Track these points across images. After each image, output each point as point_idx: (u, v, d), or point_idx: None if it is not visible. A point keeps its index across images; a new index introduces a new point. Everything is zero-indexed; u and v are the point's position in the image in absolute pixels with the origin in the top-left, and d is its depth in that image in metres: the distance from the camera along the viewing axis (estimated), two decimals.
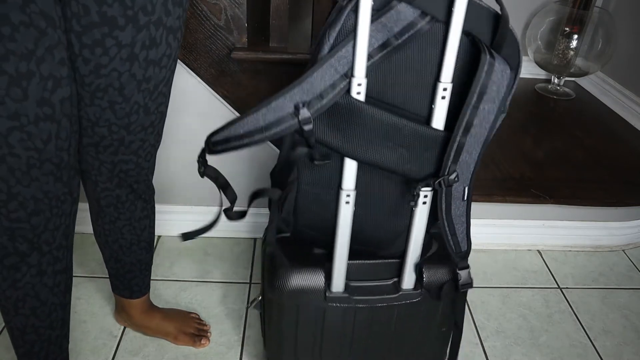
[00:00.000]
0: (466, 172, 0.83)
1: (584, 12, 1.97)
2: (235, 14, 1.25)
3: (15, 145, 0.74)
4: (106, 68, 0.80)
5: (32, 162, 0.77)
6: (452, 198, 0.85)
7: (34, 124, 0.74)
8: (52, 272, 0.90)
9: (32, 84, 0.71)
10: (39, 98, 0.73)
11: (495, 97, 0.77)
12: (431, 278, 0.95)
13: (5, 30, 0.67)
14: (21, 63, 0.69)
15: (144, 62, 0.82)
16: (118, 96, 0.84)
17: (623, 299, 1.45)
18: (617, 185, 1.57)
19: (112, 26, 0.76)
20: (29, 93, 0.71)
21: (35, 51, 0.70)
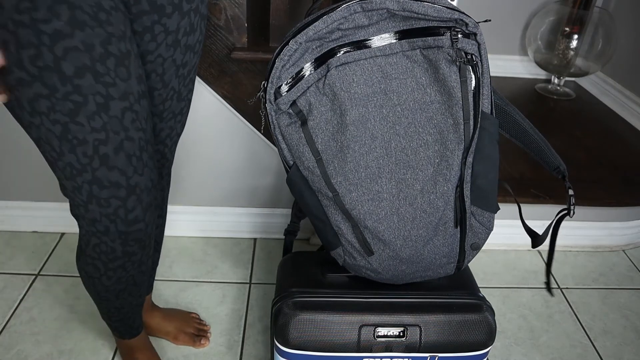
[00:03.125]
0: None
1: (584, 12, 1.97)
2: (235, 14, 1.25)
3: (129, 127, 0.76)
4: (152, 54, 0.82)
5: (142, 144, 0.79)
6: None
7: (138, 101, 0.77)
8: (147, 259, 0.94)
9: (132, 62, 0.75)
10: (137, 75, 0.76)
11: None
12: None
13: (102, 16, 0.70)
14: (120, 43, 0.73)
15: (184, 48, 0.85)
16: (158, 82, 0.86)
17: (623, 299, 1.45)
18: (617, 185, 1.57)
19: (160, 13, 0.79)
20: (131, 71, 0.75)
21: (126, 31, 0.74)
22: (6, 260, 1.46)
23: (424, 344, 0.93)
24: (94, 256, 0.87)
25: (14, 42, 0.67)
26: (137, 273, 0.94)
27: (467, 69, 0.78)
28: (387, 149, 0.81)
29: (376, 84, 0.79)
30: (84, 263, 0.90)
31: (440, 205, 0.84)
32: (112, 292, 0.95)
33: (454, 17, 0.75)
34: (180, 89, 0.91)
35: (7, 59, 0.68)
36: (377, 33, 0.78)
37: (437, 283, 0.99)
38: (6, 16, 0.65)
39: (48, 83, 0.69)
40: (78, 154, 0.74)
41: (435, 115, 0.80)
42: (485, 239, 0.91)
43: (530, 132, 0.89)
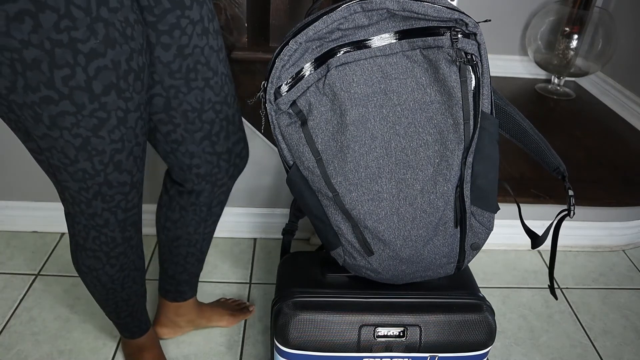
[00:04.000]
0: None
1: (584, 12, 1.97)
2: (235, 14, 1.25)
3: (139, 134, 0.80)
4: (188, 47, 0.83)
5: (144, 146, 0.83)
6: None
7: (145, 109, 0.80)
8: (140, 242, 0.97)
9: (145, 75, 0.77)
10: (147, 85, 0.79)
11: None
12: None
13: (128, 32, 0.71)
14: (139, 58, 0.74)
15: (214, 33, 0.86)
16: (208, 71, 0.87)
17: (623, 299, 1.45)
18: (617, 185, 1.57)
19: (182, 7, 0.80)
20: (144, 82, 0.77)
21: (143, 44, 0.76)
22: (6, 260, 1.46)
23: (424, 344, 0.93)
24: (95, 248, 0.89)
25: (48, 61, 0.66)
26: (136, 257, 0.97)
27: (467, 69, 0.78)
28: (387, 149, 0.81)
29: (376, 84, 0.79)
30: (84, 257, 0.91)
31: (440, 205, 0.84)
32: (117, 282, 0.96)
33: (454, 17, 0.75)
34: (227, 71, 0.91)
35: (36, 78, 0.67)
36: (377, 33, 0.77)
37: (437, 283, 0.99)
38: (44, 35, 0.64)
39: (77, 102, 0.70)
40: (94, 162, 0.77)
41: (435, 115, 0.80)
42: (485, 239, 0.91)
43: (530, 132, 0.89)
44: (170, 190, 1.02)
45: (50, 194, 1.51)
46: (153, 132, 0.90)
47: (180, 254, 1.09)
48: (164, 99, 0.85)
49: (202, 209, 1.02)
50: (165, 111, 0.87)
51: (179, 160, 0.93)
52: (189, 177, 0.95)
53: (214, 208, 1.03)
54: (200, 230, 1.06)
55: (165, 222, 1.05)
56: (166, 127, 0.89)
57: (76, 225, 0.87)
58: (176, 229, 1.05)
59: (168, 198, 1.03)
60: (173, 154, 0.92)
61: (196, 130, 0.90)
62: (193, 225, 1.04)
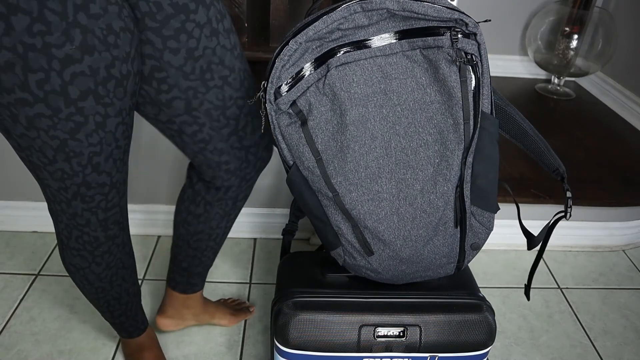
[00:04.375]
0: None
1: (584, 12, 1.97)
2: (235, 14, 1.25)
3: (119, 138, 0.80)
4: (198, 49, 0.82)
5: (126, 148, 0.83)
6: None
7: (129, 115, 0.81)
8: (128, 241, 0.98)
9: (130, 82, 0.77)
10: (132, 92, 0.79)
11: None
12: None
13: (110, 39, 0.70)
14: (122, 66, 0.74)
15: (225, 33, 0.85)
16: (224, 69, 0.86)
17: (623, 299, 1.45)
18: (617, 185, 1.57)
19: (186, 12, 0.79)
20: (127, 90, 0.77)
21: (131, 52, 0.75)
22: (6, 260, 1.46)
23: (424, 344, 0.93)
24: (79, 247, 0.90)
25: (22, 65, 0.65)
26: (124, 255, 0.97)
27: (467, 69, 0.78)
28: (387, 149, 0.81)
29: (376, 84, 0.79)
30: (70, 256, 0.92)
31: (440, 205, 0.84)
32: (105, 280, 0.96)
33: (453, 17, 0.75)
34: (245, 67, 0.91)
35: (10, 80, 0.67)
36: (377, 33, 0.77)
37: (437, 283, 0.99)
38: (16, 38, 0.64)
39: (52, 105, 0.70)
40: (72, 163, 0.77)
41: (435, 115, 0.80)
42: (485, 239, 0.91)
43: (530, 133, 0.89)
44: (196, 185, 1.02)
45: None
46: (179, 135, 0.90)
47: (199, 248, 1.09)
48: (184, 101, 0.85)
49: (227, 202, 1.02)
50: (187, 112, 0.86)
51: (208, 159, 0.93)
52: (218, 174, 0.96)
53: (239, 202, 1.04)
54: (223, 224, 1.06)
55: (187, 216, 1.05)
56: (191, 128, 0.89)
57: (59, 223, 0.88)
58: (198, 223, 1.05)
59: (192, 192, 1.03)
60: (201, 153, 0.92)
61: (222, 127, 0.90)
62: (217, 219, 1.05)
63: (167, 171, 1.47)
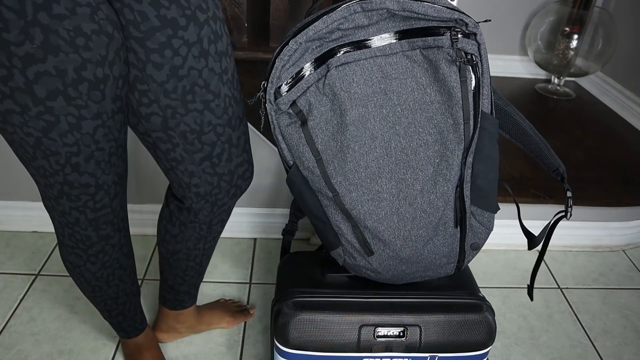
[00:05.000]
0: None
1: (584, 12, 1.97)
2: (235, 14, 1.25)
3: (100, 140, 0.79)
4: (183, 68, 0.80)
5: (112, 150, 0.83)
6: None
7: (111, 118, 0.79)
8: (127, 242, 0.98)
9: (108, 86, 0.75)
10: (113, 95, 0.77)
11: None
12: None
13: (79, 41, 0.69)
14: (97, 69, 0.73)
15: (216, 56, 0.82)
16: (207, 94, 0.83)
17: (623, 299, 1.45)
18: (617, 185, 1.57)
19: (174, 27, 0.76)
20: (106, 93, 0.76)
21: (107, 56, 0.73)
22: (6, 260, 1.46)
23: (424, 344, 0.93)
24: (72, 245, 0.90)
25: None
26: (121, 256, 0.97)
27: (467, 69, 0.78)
28: (387, 149, 0.81)
29: (376, 84, 0.79)
30: (66, 253, 0.93)
31: (440, 205, 0.84)
32: (101, 279, 0.96)
33: (454, 17, 0.75)
34: (234, 93, 0.88)
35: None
36: (377, 33, 0.78)
37: (437, 283, 0.99)
38: None
39: (20, 102, 0.70)
40: (51, 161, 0.77)
41: (435, 115, 0.80)
42: (485, 239, 0.91)
43: (530, 133, 0.89)
44: (171, 205, 1.00)
45: None
46: (153, 149, 0.89)
47: (179, 267, 1.08)
48: (161, 118, 0.83)
49: (202, 226, 1.00)
50: (163, 130, 0.85)
51: (178, 178, 0.92)
52: (188, 195, 0.94)
53: (214, 226, 1.02)
54: (200, 246, 1.04)
55: (165, 235, 1.04)
56: (165, 146, 0.87)
57: (53, 220, 0.89)
58: (175, 243, 1.04)
59: (168, 212, 1.02)
60: (173, 172, 0.91)
61: (196, 151, 0.88)
62: (192, 241, 1.03)
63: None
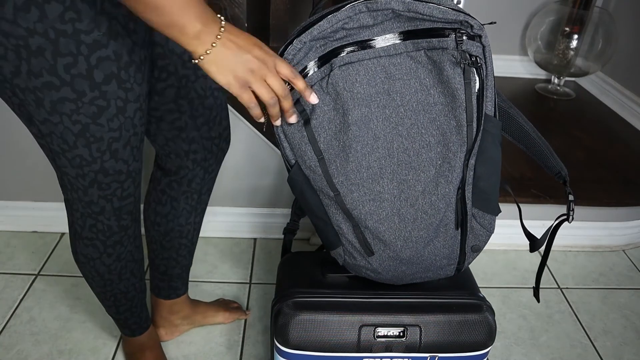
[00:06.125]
0: None
1: (584, 12, 1.97)
2: (235, 14, 1.25)
3: (137, 124, 0.82)
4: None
5: (141, 136, 0.85)
6: None
7: (144, 101, 0.82)
8: (139, 234, 0.99)
9: (146, 67, 0.80)
10: (147, 78, 0.82)
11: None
12: None
13: (131, 25, 0.74)
14: (141, 51, 0.77)
15: None
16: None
17: (623, 299, 1.45)
18: (617, 185, 1.57)
19: None
20: (145, 75, 0.80)
21: (146, 37, 0.79)
22: (6, 260, 1.46)
23: (424, 344, 0.93)
24: (92, 237, 0.91)
25: (52, 49, 0.68)
26: (134, 248, 0.98)
27: (472, 71, 0.78)
28: (389, 149, 0.81)
29: (379, 84, 0.79)
30: (82, 246, 0.93)
31: (441, 207, 0.84)
32: (114, 272, 0.97)
33: (459, 19, 0.75)
34: None
35: (39, 65, 0.69)
36: (382, 33, 0.77)
37: (437, 283, 0.99)
38: (48, 25, 0.67)
39: (78, 89, 0.72)
40: (92, 149, 0.79)
41: (438, 117, 0.80)
42: (485, 241, 0.91)
43: (533, 136, 0.89)
44: (161, 183, 1.04)
45: (50, 194, 1.51)
46: (157, 122, 0.93)
47: (172, 247, 1.10)
48: (175, 89, 0.89)
49: (193, 196, 1.05)
50: (174, 101, 0.90)
51: (178, 147, 0.97)
52: (185, 163, 0.99)
53: (203, 195, 1.07)
54: (191, 219, 1.09)
55: (156, 218, 1.07)
56: (173, 116, 0.92)
57: (74, 212, 0.89)
58: (167, 222, 1.07)
59: (156, 193, 1.06)
60: (173, 141, 0.96)
61: (198, 115, 0.94)
62: (184, 216, 1.07)
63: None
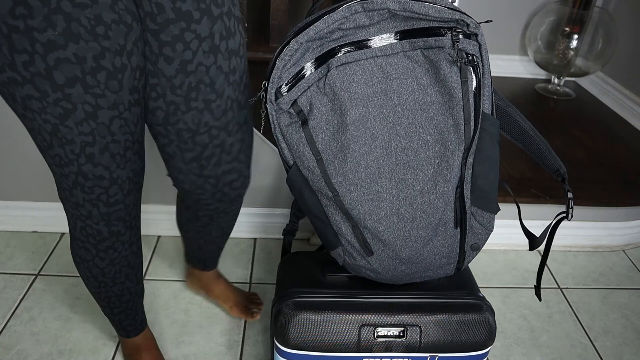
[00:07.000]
0: None
1: (584, 12, 1.97)
2: None
3: (116, 132, 0.79)
4: (192, 64, 0.80)
5: (127, 144, 0.82)
6: None
7: (128, 110, 0.79)
8: (137, 240, 0.98)
9: (125, 76, 0.76)
10: (131, 87, 0.78)
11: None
12: None
13: (99, 30, 0.71)
14: (115, 58, 0.74)
15: (226, 53, 0.83)
16: (211, 93, 0.84)
17: (623, 299, 1.45)
18: (617, 185, 1.57)
19: (188, 20, 0.77)
20: (123, 83, 0.76)
21: (125, 46, 0.74)
22: (6, 260, 1.46)
23: (424, 344, 0.93)
24: (83, 239, 0.91)
25: (7, 45, 0.67)
26: (130, 254, 0.97)
27: (468, 70, 0.78)
28: (387, 149, 0.81)
29: (377, 84, 0.79)
30: (76, 247, 0.93)
31: (440, 206, 0.84)
32: (108, 276, 0.97)
33: (455, 18, 0.76)
34: (238, 96, 0.88)
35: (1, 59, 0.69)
36: (378, 33, 0.78)
37: (437, 283, 0.99)
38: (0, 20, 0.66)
39: (40, 88, 0.71)
40: (66, 150, 0.78)
41: (435, 116, 0.80)
42: (485, 239, 0.91)
43: (531, 134, 0.89)
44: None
45: (50, 194, 1.51)
46: (155, 138, 0.92)
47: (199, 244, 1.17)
48: (164, 113, 0.85)
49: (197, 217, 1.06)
50: (163, 125, 0.87)
51: (171, 171, 0.95)
52: (178, 186, 0.98)
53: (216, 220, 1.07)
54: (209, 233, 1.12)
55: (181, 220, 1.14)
56: (162, 140, 0.90)
57: (67, 212, 0.89)
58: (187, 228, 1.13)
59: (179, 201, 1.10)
60: (167, 163, 0.95)
61: (187, 150, 0.89)
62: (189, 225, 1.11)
63: (163, 171, 1.46)
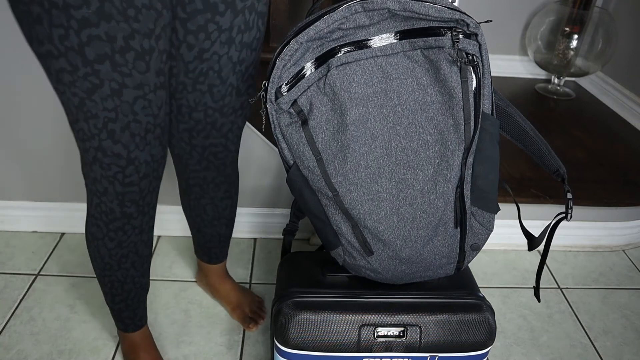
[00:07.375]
0: None
1: (584, 12, 1.97)
2: None
3: (138, 112, 0.82)
4: (208, 52, 0.87)
5: (149, 127, 0.85)
6: None
7: (153, 92, 0.82)
8: (148, 229, 1.00)
9: (153, 58, 0.80)
10: (157, 69, 0.81)
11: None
12: None
13: (130, 12, 0.74)
14: (144, 40, 0.77)
15: (239, 45, 0.89)
16: (217, 79, 0.91)
17: (623, 299, 1.45)
18: (617, 185, 1.57)
19: (214, 12, 0.83)
20: (150, 65, 0.80)
21: (154, 30, 0.78)
22: (6, 260, 1.46)
23: (424, 344, 0.93)
24: (97, 216, 0.94)
25: (47, 19, 0.71)
26: (139, 241, 0.99)
27: (468, 70, 0.78)
28: (387, 149, 0.81)
29: (377, 83, 0.79)
30: (90, 224, 0.96)
31: (440, 206, 0.84)
32: (114, 258, 0.98)
33: (455, 18, 0.76)
34: (239, 84, 0.95)
35: (41, 32, 0.73)
36: (378, 33, 0.78)
37: (437, 283, 0.99)
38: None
39: (72, 62, 0.75)
40: (90, 124, 0.81)
41: (435, 116, 0.80)
42: (485, 239, 0.91)
43: (531, 134, 0.89)
44: None
45: (51, 194, 1.51)
46: None
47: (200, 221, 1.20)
48: (173, 90, 0.93)
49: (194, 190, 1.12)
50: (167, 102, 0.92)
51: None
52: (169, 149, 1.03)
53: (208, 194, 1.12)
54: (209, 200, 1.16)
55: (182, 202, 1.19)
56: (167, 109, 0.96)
57: (86, 188, 0.93)
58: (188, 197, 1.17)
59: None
60: None
61: (183, 122, 0.98)
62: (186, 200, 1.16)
63: (166, 171, 1.47)
